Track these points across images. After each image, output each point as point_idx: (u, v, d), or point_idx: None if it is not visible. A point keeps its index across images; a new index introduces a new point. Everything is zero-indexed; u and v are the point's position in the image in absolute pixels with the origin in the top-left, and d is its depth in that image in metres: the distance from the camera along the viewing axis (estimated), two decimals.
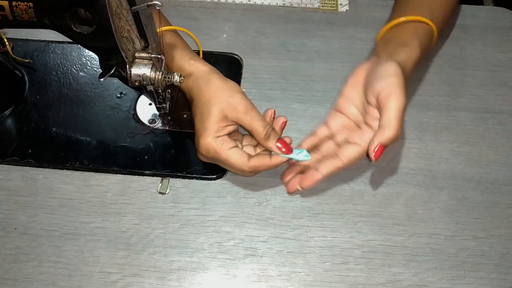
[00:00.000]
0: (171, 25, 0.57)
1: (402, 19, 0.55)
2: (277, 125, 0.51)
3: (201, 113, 0.49)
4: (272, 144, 0.48)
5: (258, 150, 0.51)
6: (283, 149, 0.48)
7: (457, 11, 0.71)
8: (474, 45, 0.68)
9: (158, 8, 0.46)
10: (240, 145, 0.51)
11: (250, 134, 0.50)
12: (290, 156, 0.48)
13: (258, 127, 0.48)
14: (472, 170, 0.57)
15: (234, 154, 0.48)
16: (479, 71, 0.65)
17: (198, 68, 0.52)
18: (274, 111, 0.52)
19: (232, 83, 0.50)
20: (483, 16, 0.71)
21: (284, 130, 0.52)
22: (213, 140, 0.48)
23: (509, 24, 0.70)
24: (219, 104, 0.48)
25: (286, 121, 0.52)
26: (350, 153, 0.48)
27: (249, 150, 0.51)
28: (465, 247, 0.52)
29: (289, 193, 0.50)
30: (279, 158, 0.49)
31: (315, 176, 0.48)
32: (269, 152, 0.50)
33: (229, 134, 0.50)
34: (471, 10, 0.72)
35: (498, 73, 0.65)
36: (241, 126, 0.50)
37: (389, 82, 0.47)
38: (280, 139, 0.49)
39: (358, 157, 0.48)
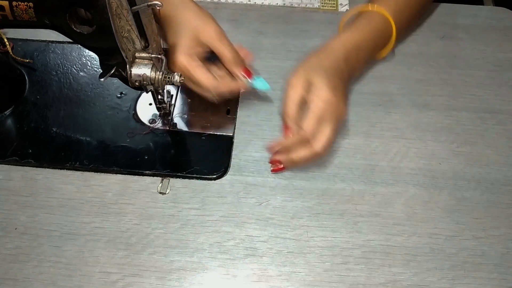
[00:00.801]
0: None
1: (357, 9, 0.58)
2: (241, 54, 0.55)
3: (175, 32, 0.52)
4: (237, 69, 0.53)
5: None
6: (245, 75, 0.53)
7: (457, 11, 0.72)
8: (474, 45, 0.68)
9: (158, 8, 0.46)
10: None
11: (219, 58, 0.53)
12: (251, 81, 0.53)
13: (227, 52, 0.52)
14: (472, 170, 0.57)
15: (202, 71, 0.51)
16: (479, 71, 0.65)
17: None
18: (242, 46, 0.55)
19: (207, 13, 0.54)
20: (483, 16, 0.71)
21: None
22: (184, 57, 0.51)
23: (509, 24, 0.70)
24: (192, 25, 0.52)
25: (250, 54, 0.56)
26: (322, 138, 0.49)
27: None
28: (465, 247, 0.52)
29: (271, 162, 0.54)
30: (241, 82, 0.53)
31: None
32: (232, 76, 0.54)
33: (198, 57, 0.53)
34: (471, 10, 0.72)
35: (498, 73, 0.65)
36: (212, 50, 0.52)
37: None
38: (244, 67, 0.53)
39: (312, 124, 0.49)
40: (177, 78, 0.49)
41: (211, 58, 0.54)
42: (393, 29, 0.57)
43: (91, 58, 0.64)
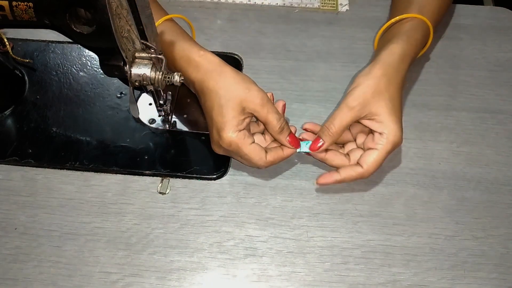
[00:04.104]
0: (167, 14, 0.57)
1: (390, 21, 0.58)
2: (279, 108, 0.53)
3: (220, 106, 0.49)
4: (284, 138, 0.51)
5: (267, 137, 0.53)
6: (292, 145, 0.52)
7: (457, 11, 0.72)
8: (474, 45, 0.68)
9: (181, 80, 0.49)
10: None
11: (264, 125, 0.52)
12: (298, 150, 0.52)
13: (273, 119, 0.50)
14: (472, 170, 0.57)
15: (254, 150, 0.50)
16: (479, 71, 0.65)
17: (209, 60, 0.51)
18: (285, 104, 0.54)
19: (245, 75, 0.51)
20: (483, 16, 0.71)
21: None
22: (235, 134, 0.49)
23: (509, 24, 0.70)
24: (238, 97, 0.49)
25: (285, 104, 0.54)
26: (369, 159, 0.50)
27: (258, 138, 0.53)
28: (465, 247, 0.52)
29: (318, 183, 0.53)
30: (291, 150, 0.52)
31: (334, 176, 0.51)
32: (280, 144, 0.52)
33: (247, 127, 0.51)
34: (471, 10, 0.72)
35: (498, 73, 0.65)
36: (256, 117, 0.51)
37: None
38: (290, 134, 0.51)
39: (376, 163, 0.50)
40: (177, 78, 0.49)
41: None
42: (431, 37, 0.58)
43: (91, 58, 0.64)
